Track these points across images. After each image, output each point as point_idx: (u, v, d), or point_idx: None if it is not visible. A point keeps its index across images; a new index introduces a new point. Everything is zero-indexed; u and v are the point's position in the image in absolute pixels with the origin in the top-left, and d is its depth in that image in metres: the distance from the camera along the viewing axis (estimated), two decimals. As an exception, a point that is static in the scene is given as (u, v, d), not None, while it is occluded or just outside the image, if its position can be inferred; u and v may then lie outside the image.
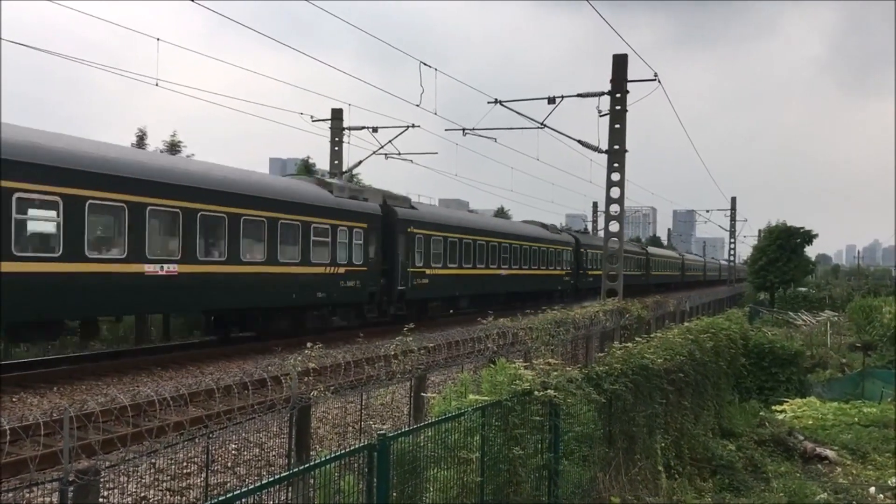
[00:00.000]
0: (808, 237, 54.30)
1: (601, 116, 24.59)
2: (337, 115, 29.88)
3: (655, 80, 24.18)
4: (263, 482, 4.45)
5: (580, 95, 25.00)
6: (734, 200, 70.38)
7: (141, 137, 29.89)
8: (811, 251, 59.32)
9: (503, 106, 24.58)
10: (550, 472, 7.66)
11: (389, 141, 29.59)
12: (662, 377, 11.46)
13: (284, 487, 4.80)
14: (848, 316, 43.05)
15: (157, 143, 31.16)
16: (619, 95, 24.44)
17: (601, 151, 24.99)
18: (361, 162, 31.54)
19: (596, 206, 64.51)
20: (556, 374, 8.22)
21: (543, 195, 53.16)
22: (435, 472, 6.10)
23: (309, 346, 9.03)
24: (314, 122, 28.93)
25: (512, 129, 26.53)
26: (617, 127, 24.61)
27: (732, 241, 72.47)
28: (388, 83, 42.17)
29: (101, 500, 5.46)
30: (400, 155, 30.27)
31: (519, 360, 10.63)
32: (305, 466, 5.06)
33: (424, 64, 21.63)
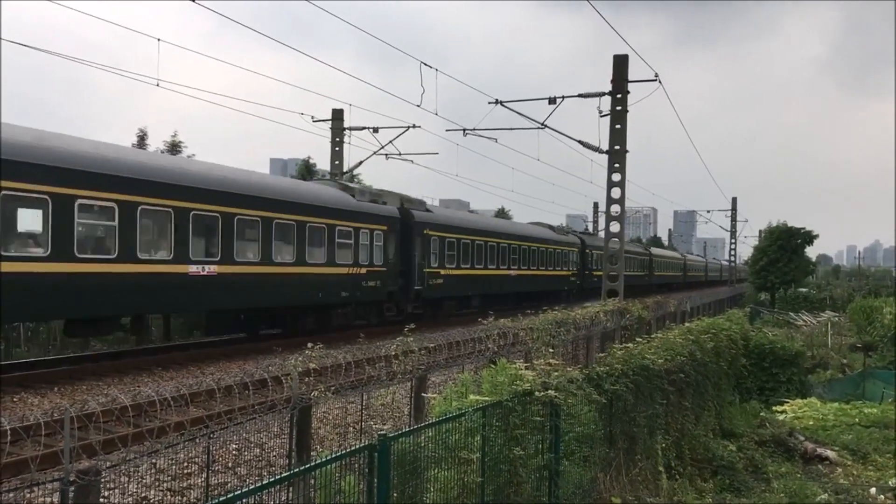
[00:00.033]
0: (808, 238, 54.33)
1: (602, 117, 24.58)
2: (337, 115, 29.89)
3: (656, 80, 24.18)
4: (264, 482, 4.45)
5: (581, 96, 24.99)
6: (735, 201, 70.38)
7: (142, 138, 29.91)
8: (812, 252, 59.41)
9: (504, 106, 24.58)
10: (551, 472, 7.66)
11: (390, 141, 29.62)
12: (663, 378, 11.46)
13: (285, 488, 4.80)
14: (849, 316, 43.00)
15: (157, 143, 31.22)
16: (619, 96, 24.43)
17: (602, 152, 24.98)
18: (362, 162, 31.60)
19: (597, 206, 64.52)
20: (556, 374, 8.22)
21: (544, 195, 53.24)
22: (435, 472, 6.11)
23: (309, 346, 9.03)
24: (315, 122, 28.96)
25: (513, 129, 26.56)
26: (618, 127, 24.60)
27: (733, 241, 72.48)
28: (388, 83, 42.19)
29: (101, 500, 5.47)
30: (400, 155, 30.30)
31: (520, 360, 10.64)
32: (306, 467, 5.06)
33: (425, 64, 21.64)
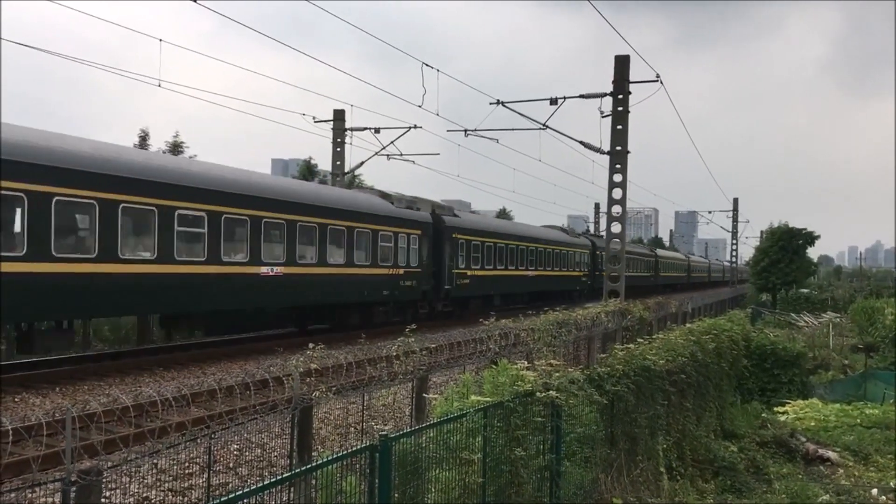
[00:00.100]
0: (810, 238, 54.24)
1: (603, 117, 24.57)
2: (339, 115, 29.88)
3: (657, 80, 24.15)
4: (265, 483, 4.46)
5: (582, 96, 24.98)
6: (736, 202, 70.33)
7: (143, 138, 29.93)
8: (813, 252, 59.23)
9: (505, 107, 24.57)
10: (552, 473, 7.66)
11: (391, 142, 29.66)
12: (664, 378, 11.44)
13: (286, 488, 4.81)
14: (850, 317, 42.93)
15: (159, 143, 31.22)
16: (621, 96, 24.40)
17: (603, 152, 24.96)
18: (363, 163, 31.61)
19: (598, 207, 64.50)
20: (557, 375, 8.22)
21: (545, 196, 53.27)
22: (437, 472, 6.10)
23: (311, 346, 9.04)
24: (316, 122, 28.96)
25: (514, 129, 26.56)
26: (619, 128, 24.58)
27: (734, 242, 72.42)
28: (389, 84, 42.16)
29: (103, 500, 5.47)
30: (402, 156, 30.33)
31: (521, 361, 10.63)
32: (307, 467, 5.06)
33: (426, 65, 21.63)
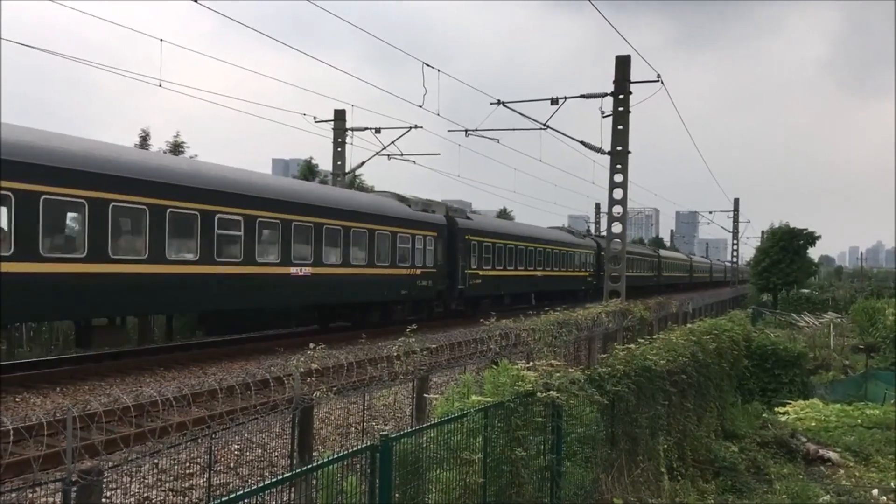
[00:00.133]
0: (811, 239, 54.21)
1: (604, 118, 24.57)
2: (339, 115, 29.89)
3: (658, 81, 24.13)
4: (266, 483, 4.45)
5: (583, 97, 24.98)
6: (737, 202, 70.26)
7: (144, 138, 29.94)
8: (814, 253, 59.22)
9: (506, 107, 24.57)
10: (553, 473, 7.65)
11: (392, 142, 29.69)
12: (665, 379, 11.43)
13: (287, 488, 4.81)
14: (851, 318, 42.90)
15: (159, 143, 31.24)
16: (622, 96, 24.41)
17: (604, 153, 24.96)
18: (364, 163, 31.64)
19: (598, 207, 64.50)
20: (558, 375, 8.21)
21: (546, 196, 53.30)
22: (437, 473, 6.10)
23: (311, 346, 9.04)
24: (317, 122, 28.97)
25: (514, 130, 26.59)
26: (620, 128, 24.58)
27: (735, 242, 72.37)
28: (390, 84, 42.24)
29: (103, 500, 5.47)
30: (403, 156, 30.35)
31: (521, 361, 10.64)
32: (308, 467, 5.05)
33: (427, 65, 21.61)
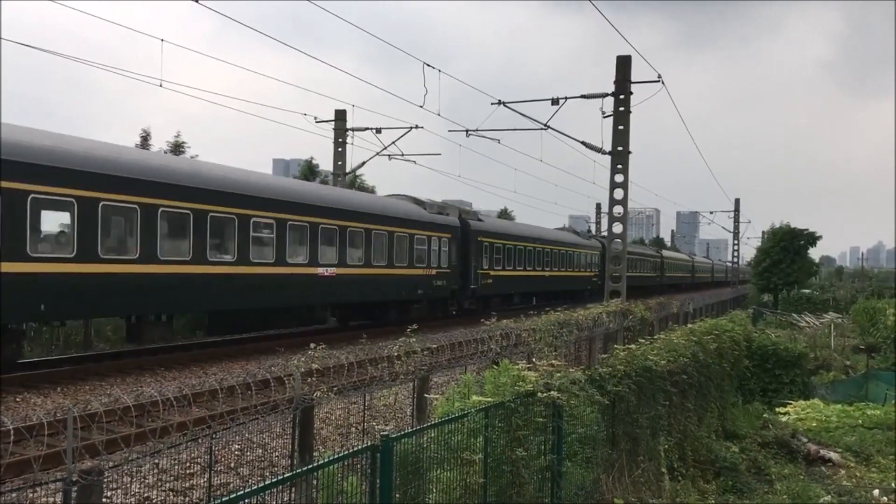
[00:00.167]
0: (811, 239, 54.17)
1: (605, 118, 24.56)
2: (340, 116, 29.89)
3: (659, 81, 24.12)
4: (266, 483, 4.45)
5: (584, 97, 24.97)
6: (738, 202, 70.22)
7: (145, 138, 29.92)
8: (815, 253, 59.15)
9: (506, 107, 24.56)
10: (553, 473, 7.65)
11: (393, 142, 29.68)
12: (666, 379, 11.41)
13: (287, 488, 4.80)
14: (852, 318, 42.86)
15: (160, 143, 31.21)
16: (622, 97, 24.40)
17: (605, 153, 24.95)
18: (365, 163, 31.61)
19: (599, 207, 64.48)
20: (559, 375, 8.20)
21: (546, 196, 53.38)
22: (438, 473, 6.10)
23: (312, 346, 9.04)
24: (318, 122, 28.97)
25: (515, 130, 26.58)
26: (620, 128, 24.57)
27: (736, 242, 72.35)
28: (390, 84, 42.31)
29: (104, 500, 5.47)
30: (403, 156, 30.34)
31: (522, 361, 10.63)
32: (308, 467, 5.05)
33: (428, 65, 21.61)
